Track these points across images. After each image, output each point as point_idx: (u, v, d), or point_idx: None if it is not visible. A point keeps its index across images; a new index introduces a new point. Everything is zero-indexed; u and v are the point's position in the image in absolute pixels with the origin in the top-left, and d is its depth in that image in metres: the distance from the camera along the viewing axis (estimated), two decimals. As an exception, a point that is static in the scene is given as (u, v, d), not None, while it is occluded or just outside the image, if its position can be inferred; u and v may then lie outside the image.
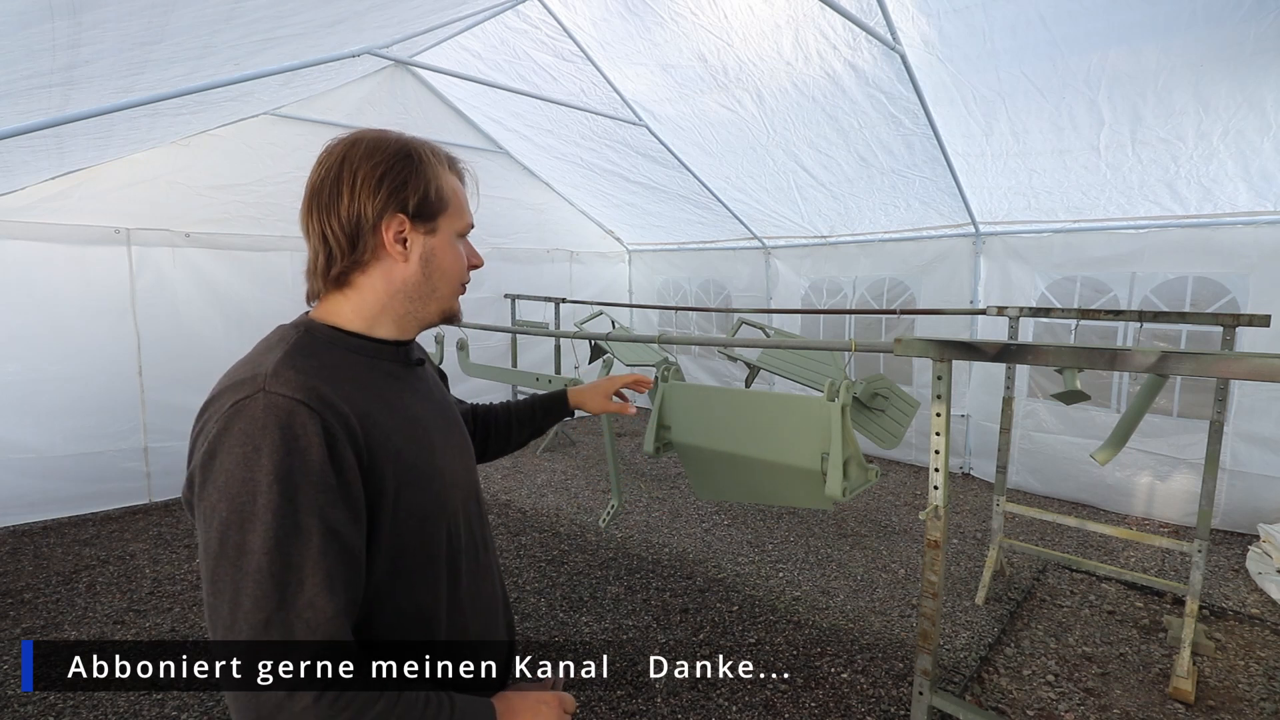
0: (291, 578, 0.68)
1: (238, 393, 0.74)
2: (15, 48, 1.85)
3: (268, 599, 0.67)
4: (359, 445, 0.77)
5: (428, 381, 0.99)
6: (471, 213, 0.97)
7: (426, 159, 0.89)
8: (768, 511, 4.46)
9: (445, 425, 0.97)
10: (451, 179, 0.93)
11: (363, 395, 0.81)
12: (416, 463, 0.84)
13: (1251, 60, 2.94)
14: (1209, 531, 2.70)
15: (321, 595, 0.69)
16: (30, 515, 4.07)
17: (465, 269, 0.95)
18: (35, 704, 2.43)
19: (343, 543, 0.73)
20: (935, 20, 3.28)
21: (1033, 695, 2.53)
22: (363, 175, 0.84)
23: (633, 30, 4.01)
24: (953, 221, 4.90)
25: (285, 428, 0.71)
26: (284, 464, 0.70)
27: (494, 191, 6.26)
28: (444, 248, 0.91)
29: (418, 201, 0.87)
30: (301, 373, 0.77)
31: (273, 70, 3.26)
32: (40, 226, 3.95)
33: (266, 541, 0.68)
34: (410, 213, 0.87)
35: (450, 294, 0.94)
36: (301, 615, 0.68)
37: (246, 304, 4.68)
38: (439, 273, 0.91)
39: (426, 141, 0.92)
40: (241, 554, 0.68)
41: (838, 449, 2.04)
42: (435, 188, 0.89)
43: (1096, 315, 3.03)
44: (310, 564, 0.69)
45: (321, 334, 0.86)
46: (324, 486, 0.72)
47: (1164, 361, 1.28)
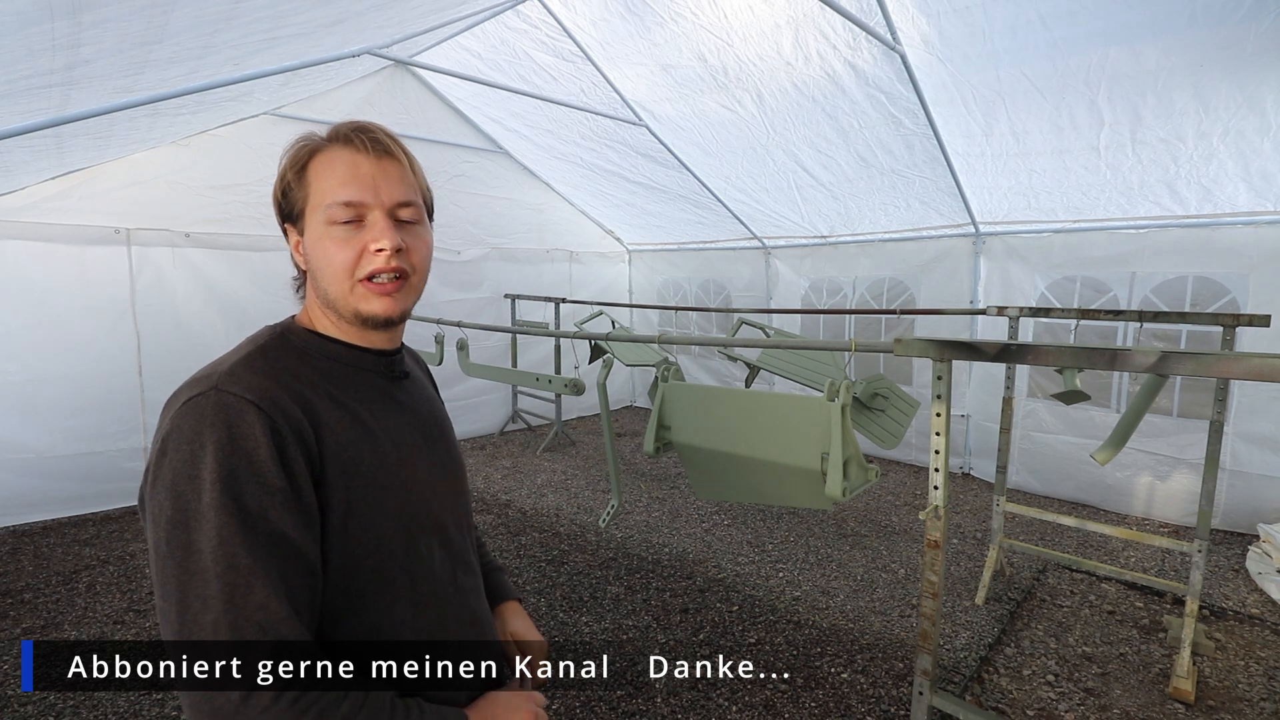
0: (239, 579, 0.66)
1: (192, 390, 0.73)
2: (15, 47, 1.85)
3: (215, 599, 0.65)
4: (310, 451, 0.75)
5: (413, 395, 0.95)
6: (365, 188, 0.80)
7: (288, 158, 0.83)
8: (768, 511, 4.46)
9: (426, 441, 0.92)
10: (324, 159, 0.81)
11: (323, 403, 0.79)
12: (376, 476, 0.80)
13: (1251, 60, 2.94)
14: (1209, 531, 2.69)
15: (272, 597, 0.67)
16: (30, 515, 4.07)
17: (348, 260, 0.80)
18: (35, 704, 2.43)
19: (291, 545, 0.70)
20: (935, 20, 3.28)
21: (1033, 695, 2.53)
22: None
23: (633, 30, 4.01)
24: (953, 221, 4.90)
25: (231, 425, 0.70)
26: (228, 462, 0.68)
27: (494, 191, 6.26)
28: (313, 243, 0.82)
29: (280, 209, 0.85)
30: (258, 374, 0.76)
31: (273, 70, 3.26)
32: (40, 226, 3.95)
33: (211, 540, 0.66)
34: (285, 218, 0.86)
35: (340, 292, 0.82)
36: (252, 617, 0.65)
37: (246, 304, 4.68)
38: (317, 272, 0.83)
39: (310, 132, 0.84)
40: (188, 553, 0.66)
41: (838, 449, 2.04)
42: (287, 186, 0.82)
43: (1096, 315, 3.03)
44: (259, 564, 0.67)
45: (297, 337, 0.85)
46: (271, 488, 0.70)
47: (1164, 361, 1.28)
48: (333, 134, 0.82)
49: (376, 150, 0.81)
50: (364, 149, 0.80)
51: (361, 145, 0.80)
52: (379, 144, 0.82)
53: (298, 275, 0.90)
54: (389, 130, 0.84)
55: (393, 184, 0.82)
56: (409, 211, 0.83)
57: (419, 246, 0.85)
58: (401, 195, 0.82)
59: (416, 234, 0.85)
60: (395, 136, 0.84)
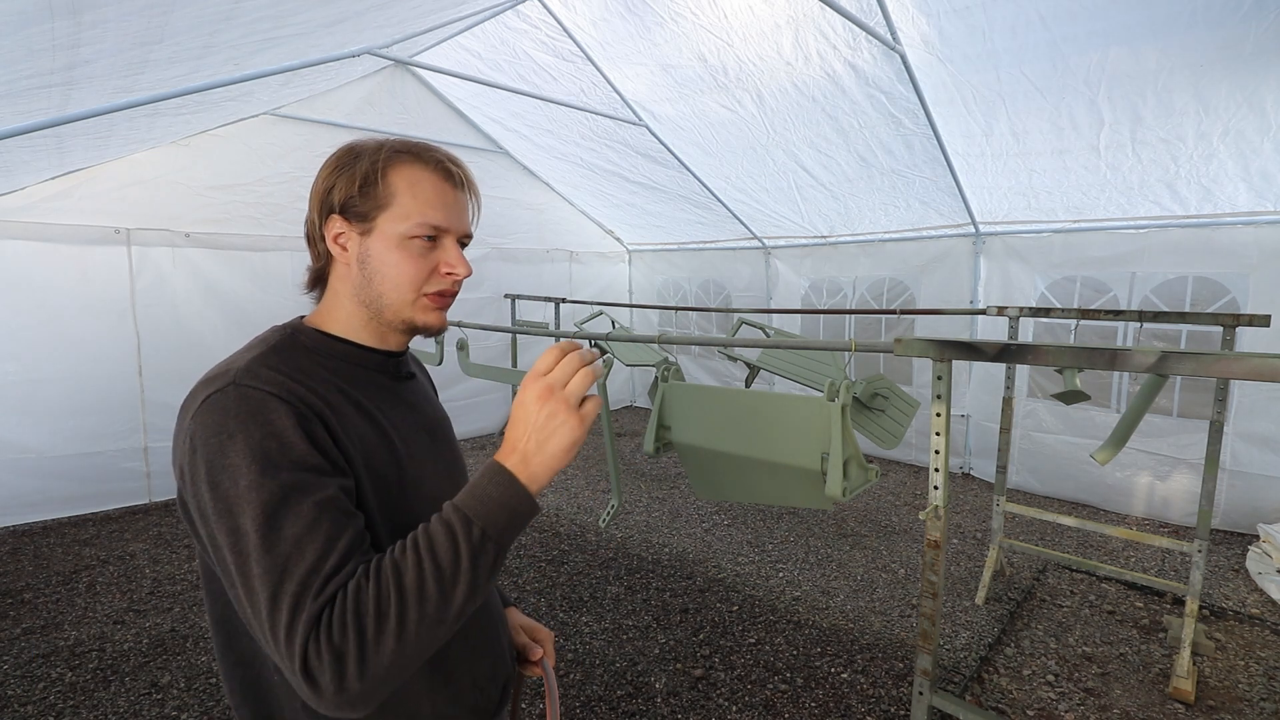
0: (290, 549, 0.67)
1: (209, 387, 0.75)
2: (15, 47, 1.84)
3: (270, 573, 0.66)
4: (336, 435, 0.77)
5: (417, 395, 0.98)
6: (449, 215, 0.86)
7: (372, 155, 0.84)
8: (768, 511, 4.46)
9: (430, 441, 0.95)
10: (412, 175, 0.85)
11: (337, 398, 0.81)
12: (389, 471, 0.83)
13: (1251, 60, 2.94)
14: (1209, 531, 2.69)
15: (322, 559, 0.68)
16: (30, 515, 4.07)
17: (419, 275, 0.85)
18: (35, 704, 2.43)
19: (335, 506, 0.71)
20: (935, 20, 3.28)
21: (1033, 695, 2.53)
22: (320, 179, 0.87)
23: (632, 30, 4.01)
24: (953, 221, 4.90)
25: (255, 413, 0.72)
26: (260, 446, 0.70)
27: (494, 191, 6.26)
28: (382, 249, 0.84)
29: (344, 200, 0.84)
30: (273, 370, 0.78)
31: (273, 70, 3.26)
32: (40, 226, 3.95)
33: (256, 520, 0.67)
34: (342, 212, 0.85)
35: (401, 301, 0.86)
36: (306, 581, 0.66)
37: (246, 304, 4.69)
38: (379, 276, 0.85)
39: (402, 140, 0.87)
40: (238, 537, 0.68)
41: (838, 449, 2.04)
42: (369, 183, 0.83)
43: (1096, 315, 3.02)
44: (305, 532, 0.68)
45: (306, 338, 0.86)
46: (304, 465, 0.71)
47: (1164, 361, 1.28)
48: (424, 154, 0.87)
49: (464, 185, 0.90)
50: (455, 182, 0.88)
51: (454, 178, 0.88)
52: (468, 181, 0.91)
53: (318, 268, 0.90)
54: (466, 166, 0.92)
55: (465, 217, 0.91)
56: (468, 241, 0.92)
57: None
58: (469, 229, 0.92)
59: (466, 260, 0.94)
60: (470, 174, 0.93)
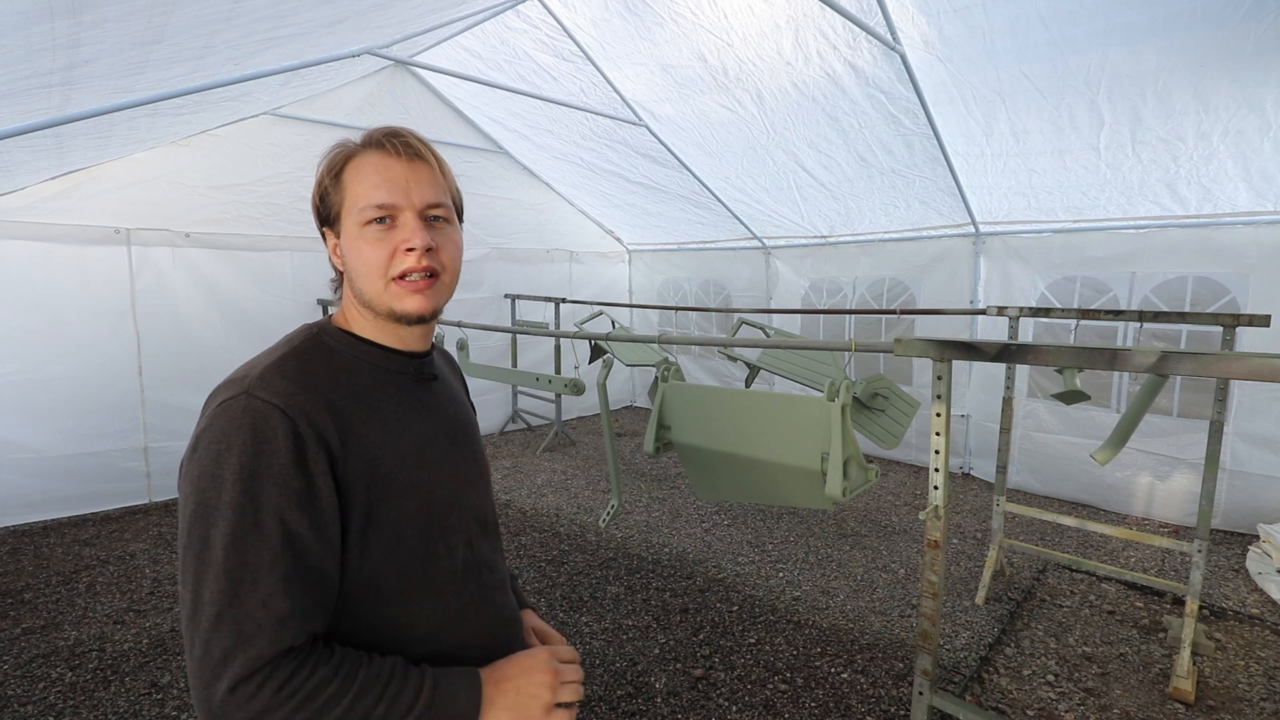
0: (247, 575, 0.70)
1: (227, 392, 0.77)
2: (15, 47, 1.85)
3: (223, 594, 0.69)
4: (334, 455, 0.78)
5: (441, 397, 0.97)
6: (395, 190, 0.83)
7: (328, 161, 0.87)
8: (768, 511, 4.46)
9: (451, 444, 0.95)
10: (355, 165, 0.85)
11: (350, 405, 0.82)
12: (397, 477, 0.83)
13: (1251, 60, 2.94)
14: (1209, 531, 2.69)
15: (276, 595, 0.70)
16: (30, 515, 4.07)
17: (379, 259, 0.83)
18: (35, 704, 2.43)
19: (302, 545, 0.73)
20: (935, 20, 3.28)
21: (1033, 695, 2.53)
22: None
23: (632, 30, 4.01)
24: (953, 221, 4.90)
25: (256, 429, 0.74)
26: (250, 464, 0.72)
27: (494, 191, 6.26)
28: (348, 244, 0.86)
29: (320, 212, 0.89)
30: (287, 379, 0.79)
31: (273, 70, 3.26)
32: (40, 226, 3.95)
33: (225, 537, 0.70)
34: (323, 223, 0.90)
35: (374, 290, 0.85)
36: (253, 614, 0.69)
37: (246, 304, 4.68)
38: (353, 271, 0.87)
39: (345, 139, 0.88)
40: (204, 547, 0.71)
41: (838, 449, 2.04)
42: (328, 191, 0.87)
43: (1096, 315, 3.02)
44: (267, 563, 0.71)
45: (331, 338, 0.88)
46: (288, 489, 0.73)
47: (1164, 361, 1.28)
48: (366, 140, 0.86)
49: (407, 153, 0.85)
50: (395, 152, 0.84)
51: (393, 149, 0.84)
52: (410, 147, 0.85)
53: (335, 277, 0.94)
54: (419, 135, 0.88)
55: (423, 186, 0.85)
56: (439, 212, 0.87)
57: (449, 246, 0.88)
58: (431, 197, 0.86)
59: (446, 234, 0.88)
60: (425, 140, 0.88)
